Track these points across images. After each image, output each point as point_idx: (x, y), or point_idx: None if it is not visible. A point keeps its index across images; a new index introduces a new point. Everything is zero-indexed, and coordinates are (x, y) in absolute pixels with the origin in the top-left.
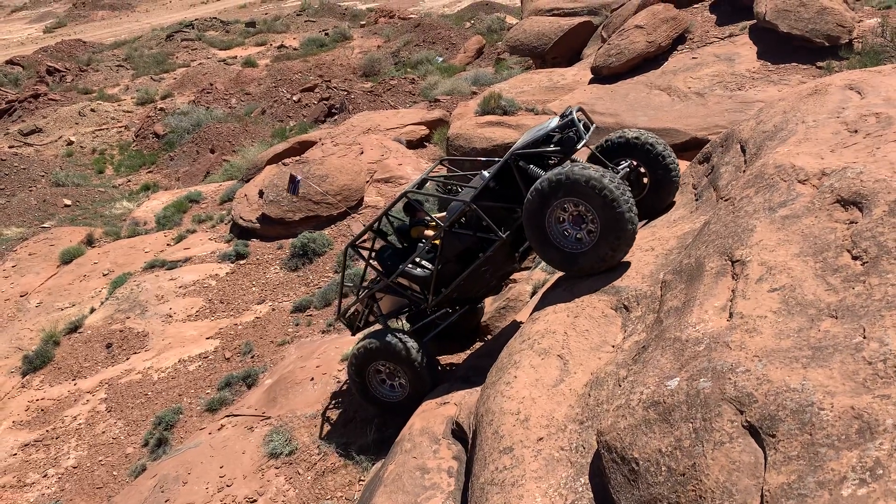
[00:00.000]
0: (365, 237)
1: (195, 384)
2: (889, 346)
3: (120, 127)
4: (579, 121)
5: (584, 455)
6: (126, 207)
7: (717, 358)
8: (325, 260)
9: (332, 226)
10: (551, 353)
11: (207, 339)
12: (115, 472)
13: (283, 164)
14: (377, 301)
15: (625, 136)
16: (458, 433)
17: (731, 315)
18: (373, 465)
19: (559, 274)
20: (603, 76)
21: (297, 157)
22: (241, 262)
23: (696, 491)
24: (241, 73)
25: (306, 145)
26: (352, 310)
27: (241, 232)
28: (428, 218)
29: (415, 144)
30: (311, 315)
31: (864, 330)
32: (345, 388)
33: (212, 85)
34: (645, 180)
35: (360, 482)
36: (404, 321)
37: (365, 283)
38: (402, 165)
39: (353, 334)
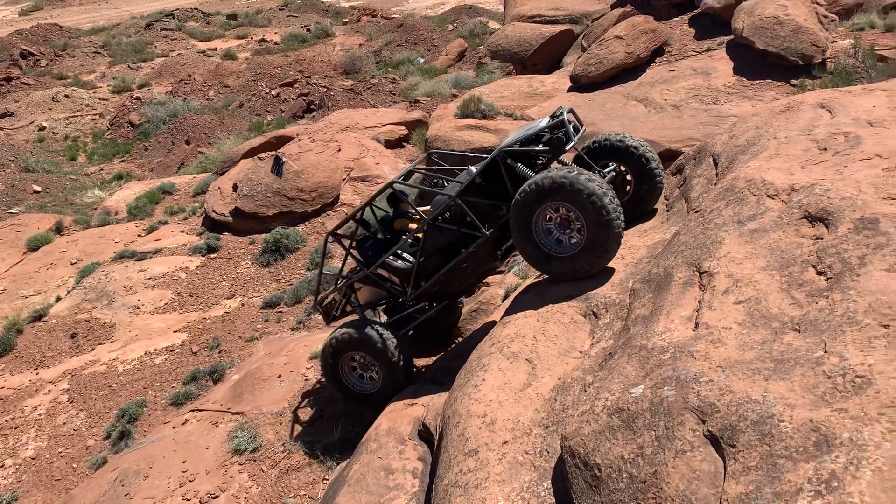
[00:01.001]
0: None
1: (161, 377)
2: (848, 360)
3: (94, 114)
4: (569, 122)
5: (547, 459)
6: (97, 196)
7: (681, 367)
8: (297, 257)
9: (307, 222)
10: (520, 357)
11: (175, 332)
12: (74, 465)
13: (259, 158)
14: (355, 291)
15: (611, 139)
16: (424, 434)
17: (696, 325)
18: (337, 464)
19: (531, 278)
20: (582, 84)
21: (274, 152)
22: (213, 255)
23: (657, 499)
24: (221, 66)
25: (283, 140)
26: (329, 298)
27: (213, 225)
28: (412, 210)
29: (393, 144)
30: (281, 312)
31: (826, 344)
32: (313, 386)
33: (190, 76)
34: (629, 185)
35: (325, 481)
36: (382, 313)
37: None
38: (380, 164)
39: (328, 323)
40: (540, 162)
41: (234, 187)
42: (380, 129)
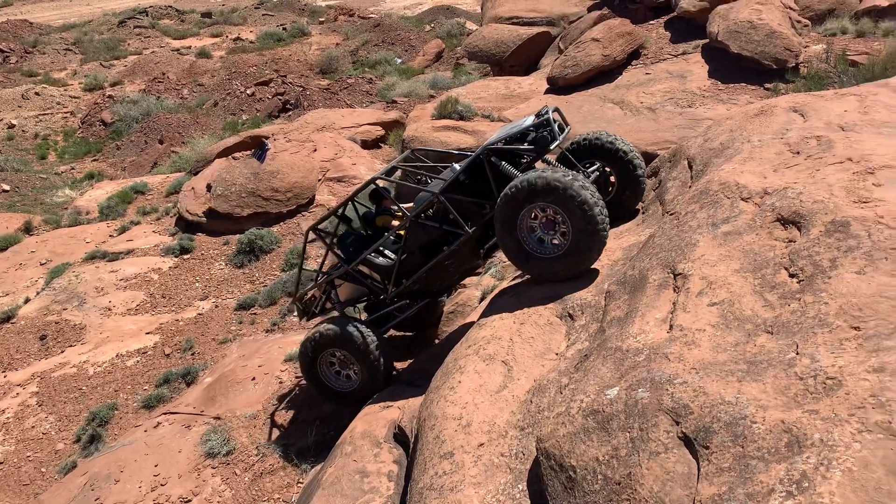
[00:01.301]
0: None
1: (132, 380)
2: (820, 362)
3: (65, 112)
4: (554, 121)
5: (523, 461)
6: (68, 195)
7: (655, 369)
8: (272, 258)
9: (282, 223)
10: (496, 360)
11: (147, 334)
12: (43, 469)
13: (234, 158)
14: (335, 288)
15: (594, 138)
16: (400, 437)
17: (671, 327)
18: (312, 467)
19: (508, 280)
20: (559, 87)
21: (248, 152)
22: (186, 256)
23: (631, 500)
24: (195, 64)
25: (258, 140)
26: (308, 295)
27: (186, 226)
28: (395, 207)
29: (370, 145)
30: (255, 314)
31: (798, 346)
32: (287, 388)
33: (164, 74)
34: (612, 185)
35: (299, 484)
36: (362, 310)
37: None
38: (356, 165)
39: (307, 320)
40: (524, 161)
41: (208, 187)
42: (356, 130)
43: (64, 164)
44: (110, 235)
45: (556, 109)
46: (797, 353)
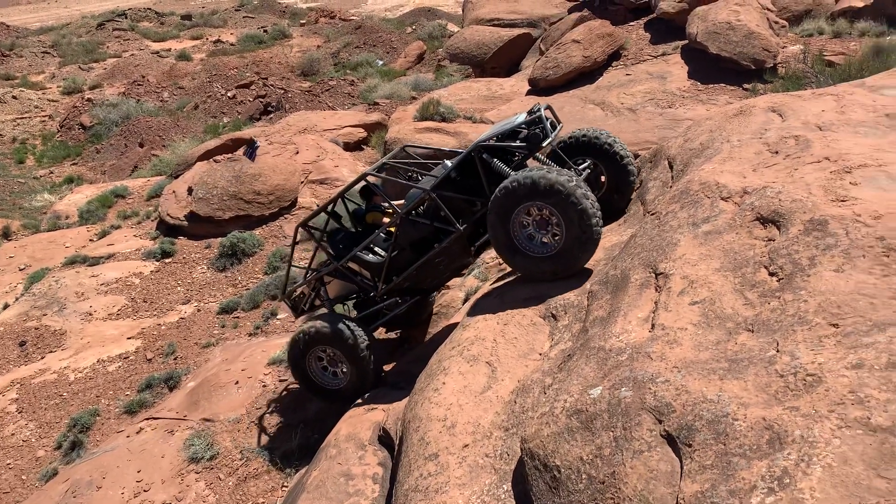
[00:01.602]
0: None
1: (114, 385)
2: (800, 359)
3: (44, 116)
4: (546, 119)
5: (508, 462)
6: (47, 200)
7: (638, 368)
8: (254, 261)
9: (264, 226)
10: (480, 360)
11: (129, 338)
12: (24, 477)
13: (215, 161)
14: (325, 285)
15: (583, 134)
16: (384, 439)
17: (653, 326)
18: (296, 471)
19: (491, 281)
20: (540, 88)
21: (230, 155)
22: (167, 260)
23: (615, 499)
24: (175, 67)
25: (240, 143)
26: (297, 291)
27: (167, 229)
28: (385, 204)
29: (352, 147)
30: (237, 317)
31: (778, 344)
32: (271, 392)
33: (144, 77)
34: (602, 179)
35: (283, 488)
36: (351, 307)
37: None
38: (339, 167)
39: (296, 317)
40: (516, 158)
41: (190, 191)
42: (338, 132)
43: (43, 168)
44: (90, 240)
45: (549, 107)
46: (777, 351)
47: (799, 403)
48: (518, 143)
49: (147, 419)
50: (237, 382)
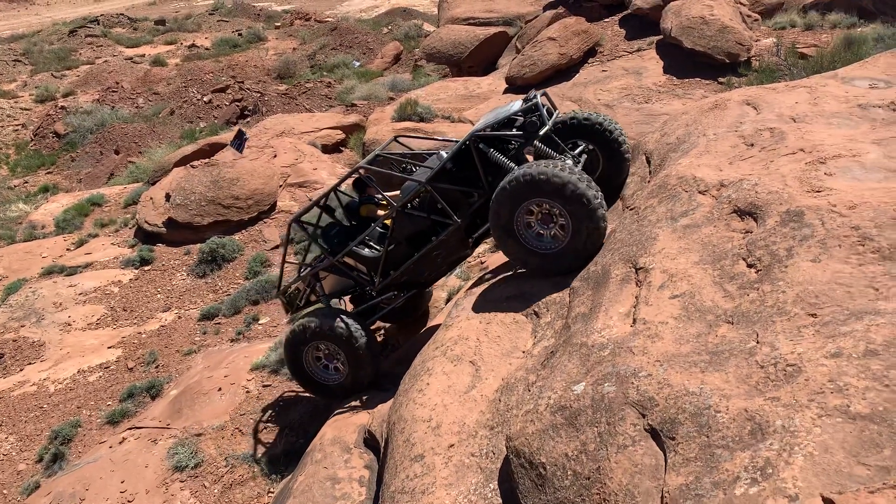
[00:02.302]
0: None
1: (95, 396)
2: (779, 350)
3: (17, 125)
4: (542, 106)
5: (493, 461)
6: (22, 210)
7: (620, 363)
8: (234, 266)
9: (243, 231)
10: (464, 360)
11: (109, 348)
12: (5, 491)
13: (192, 166)
14: (320, 280)
15: (577, 117)
16: (370, 442)
17: (634, 321)
18: (282, 476)
19: (473, 280)
20: (517, 86)
21: (207, 160)
22: (146, 267)
23: (601, 494)
24: (150, 73)
25: (217, 147)
26: (292, 288)
27: (146, 237)
28: (379, 196)
29: (330, 149)
30: (219, 323)
31: (758, 335)
32: (254, 398)
33: (118, 83)
34: (598, 164)
35: (270, 494)
36: (348, 302)
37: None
38: (317, 170)
39: (292, 314)
40: (513, 147)
41: (167, 197)
42: (316, 134)
43: (17, 177)
44: (67, 249)
45: (545, 94)
46: (757, 342)
47: (779, 394)
48: (514, 132)
49: (130, 429)
50: (220, 389)
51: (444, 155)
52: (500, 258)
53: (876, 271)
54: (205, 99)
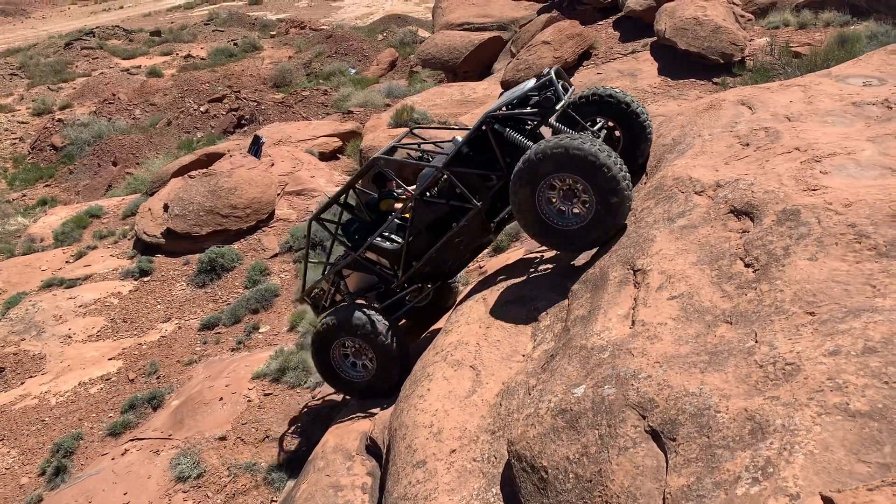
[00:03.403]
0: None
1: (97, 408)
2: (778, 349)
3: (14, 139)
4: (557, 81)
5: (495, 465)
6: (21, 223)
7: (620, 365)
8: (234, 275)
9: (242, 240)
10: (464, 365)
11: (110, 359)
12: None
13: (190, 176)
14: (344, 279)
15: (597, 93)
16: (372, 449)
17: (633, 322)
18: (285, 485)
19: (472, 285)
20: None
21: (205, 170)
22: (146, 278)
23: (603, 497)
24: (146, 84)
25: (214, 157)
26: (316, 289)
27: (145, 248)
28: (399, 190)
29: (327, 156)
30: (219, 333)
31: (756, 334)
32: (255, 407)
33: (114, 95)
34: (619, 141)
35: (273, 503)
36: (373, 299)
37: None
38: (315, 177)
39: (318, 315)
40: (529, 126)
41: (166, 207)
42: (313, 142)
43: (15, 191)
44: (67, 262)
45: (559, 69)
46: (756, 342)
47: (779, 393)
48: (530, 110)
49: (132, 440)
50: (221, 399)
51: (460, 139)
52: (498, 263)
53: (873, 268)
54: (201, 109)
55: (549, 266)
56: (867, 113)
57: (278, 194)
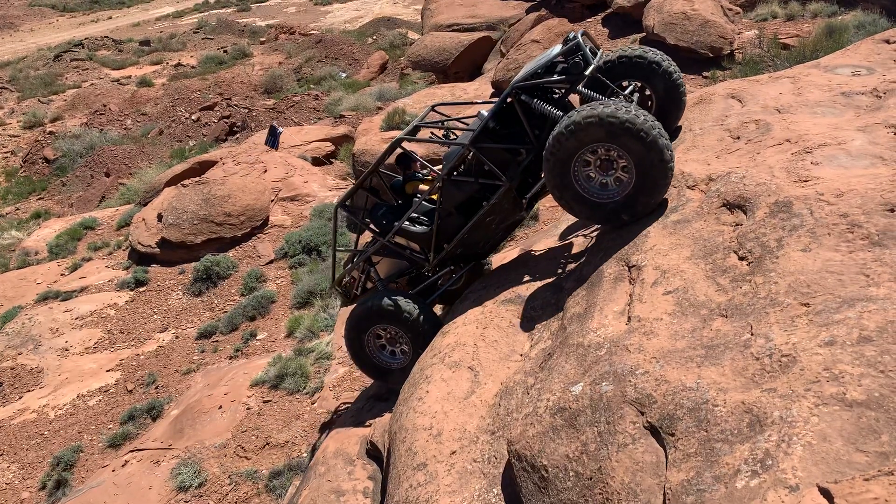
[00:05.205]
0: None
1: (96, 420)
2: (774, 341)
3: (5, 152)
4: (585, 45)
5: (496, 466)
6: (15, 237)
7: (617, 361)
8: (230, 283)
9: (237, 247)
10: (462, 366)
11: (108, 371)
12: None
13: (183, 185)
14: (374, 265)
15: (627, 55)
16: (373, 452)
17: (629, 319)
18: (287, 491)
19: (469, 286)
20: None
21: (198, 178)
22: (141, 289)
23: (603, 494)
24: (137, 94)
25: (207, 165)
26: (347, 278)
27: (140, 258)
28: (423, 171)
29: (320, 161)
30: (217, 341)
31: (752, 327)
32: (255, 414)
33: (105, 106)
34: (651, 102)
35: None
36: (406, 285)
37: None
38: (308, 183)
39: (349, 304)
40: (557, 95)
41: (159, 217)
42: (306, 147)
43: (8, 205)
44: (62, 274)
45: (585, 33)
46: (752, 334)
47: (776, 385)
48: (557, 78)
49: (132, 451)
50: (221, 407)
51: (485, 114)
52: (494, 262)
53: (866, 258)
54: (193, 117)
55: (546, 264)
56: (856, 103)
57: (272, 200)
